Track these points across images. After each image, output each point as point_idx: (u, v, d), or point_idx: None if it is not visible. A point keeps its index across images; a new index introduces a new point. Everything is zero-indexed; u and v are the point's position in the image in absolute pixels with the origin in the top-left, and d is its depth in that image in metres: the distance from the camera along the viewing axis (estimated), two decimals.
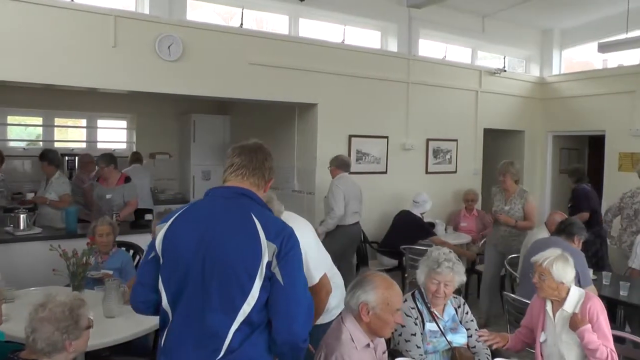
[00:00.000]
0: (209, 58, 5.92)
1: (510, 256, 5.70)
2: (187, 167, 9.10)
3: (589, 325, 3.10)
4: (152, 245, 2.20)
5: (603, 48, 7.59)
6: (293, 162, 7.27)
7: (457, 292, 3.46)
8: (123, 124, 9.37)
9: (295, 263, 2.08)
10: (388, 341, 3.23)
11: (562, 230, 4.72)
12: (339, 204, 5.93)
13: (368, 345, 2.60)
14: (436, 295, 3.15)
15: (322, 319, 3.03)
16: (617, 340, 3.34)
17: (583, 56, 10.30)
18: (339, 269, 3.51)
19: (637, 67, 8.36)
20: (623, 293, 4.56)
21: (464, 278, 3.24)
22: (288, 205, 7.65)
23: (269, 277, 2.03)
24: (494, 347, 3.29)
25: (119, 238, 4.75)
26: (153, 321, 3.25)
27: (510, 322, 4.45)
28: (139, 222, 6.01)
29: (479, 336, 3.21)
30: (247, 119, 8.69)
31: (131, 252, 4.91)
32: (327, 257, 3.24)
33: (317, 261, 2.93)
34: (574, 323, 3.14)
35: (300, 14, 7.57)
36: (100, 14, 5.34)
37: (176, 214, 2.19)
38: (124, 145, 9.29)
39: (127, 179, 6.39)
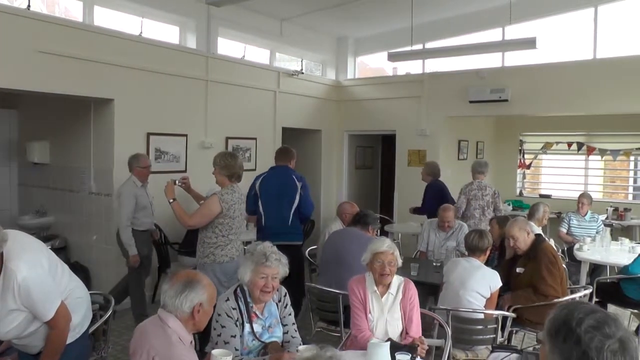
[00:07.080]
0: None
1: (310, 248, 6.45)
2: None
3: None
4: (252, 188, 6.09)
5: (392, 57, 8.86)
6: (89, 162, 7.17)
7: None
8: None
9: (307, 189, 6.11)
10: (203, 342, 3.64)
11: (358, 221, 5.41)
12: None
13: (191, 342, 2.78)
14: (265, 289, 3.30)
15: (71, 337, 3.15)
16: None
17: (376, 63, 11.79)
18: None
19: (422, 75, 10.06)
20: (413, 273, 5.36)
21: (287, 269, 3.44)
22: (84, 208, 7.49)
23: (300, 194, 5.99)
24: None
25: None
26: None
27: (313, 310, 5.03)
28: None
29: None
30: (38, 114, 8.09)
31: None
32: (63, 277, 3.16)
33: (50, 294, 2.95)
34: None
35: (96, 1, 7.44)
36: None
37: (263, 176, 6.12)
38: None
39: None
